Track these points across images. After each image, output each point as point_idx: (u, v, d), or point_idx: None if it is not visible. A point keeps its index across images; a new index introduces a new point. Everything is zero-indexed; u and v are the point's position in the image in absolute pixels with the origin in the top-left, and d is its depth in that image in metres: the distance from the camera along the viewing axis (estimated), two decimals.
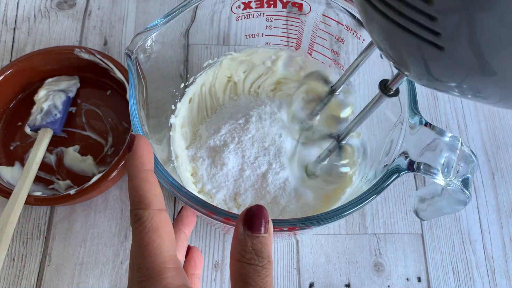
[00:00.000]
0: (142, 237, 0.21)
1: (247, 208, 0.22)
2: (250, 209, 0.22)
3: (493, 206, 0.44)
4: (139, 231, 0.21)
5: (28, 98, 0.45)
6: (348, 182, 0.37)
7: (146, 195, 0.22)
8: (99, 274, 0.39)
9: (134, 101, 0.29)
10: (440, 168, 0.27)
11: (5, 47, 0.49)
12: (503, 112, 0.48)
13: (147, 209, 0.21)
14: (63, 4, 0.51)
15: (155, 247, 0.21)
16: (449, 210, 0.31)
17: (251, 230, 0.21)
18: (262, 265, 0.21)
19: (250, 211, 0.22)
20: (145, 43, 0.30)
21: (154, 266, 0.20)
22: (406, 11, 0.16)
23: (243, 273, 0.21)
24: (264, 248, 0.21)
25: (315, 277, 0.40)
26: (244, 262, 0.21)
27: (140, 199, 0.22)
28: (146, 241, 0.21)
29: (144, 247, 0.21)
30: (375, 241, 0.42)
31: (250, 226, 0.21)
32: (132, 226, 0.21)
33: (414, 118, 0.29)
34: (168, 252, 0.21)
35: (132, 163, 0.23)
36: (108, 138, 0.44)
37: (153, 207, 0.22)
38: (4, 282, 0.39)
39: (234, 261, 0.21)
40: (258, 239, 0.21)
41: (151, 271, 0.20)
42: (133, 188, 0.22)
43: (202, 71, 0.41)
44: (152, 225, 0.21)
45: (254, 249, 0.21)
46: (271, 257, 0.21)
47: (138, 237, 0.21)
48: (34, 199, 0.38)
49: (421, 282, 0.40)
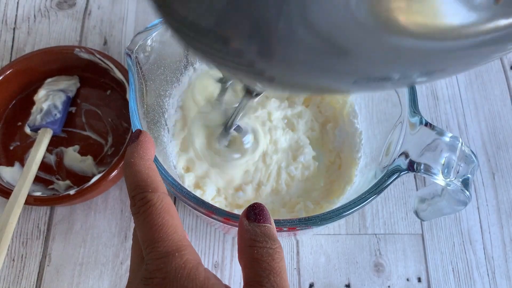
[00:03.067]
0: (154, 218, 0.21)
1: (248, 206, 0.22)
2: (251, 205, 0.22)
3: (494, 206, 0.44)
4: (149, 213, 0.21)
5: (28, 98, 0.45)
6: (348, 181, 0.37)
7: (153, 179, 0.22)
8: (99, 274, 0.39)
9: (134, 101, 0.29)
10: (440, 168, 0.27)
11: (5, 47, 0.49)
12: (503, 112, 0.48)
13: (155, 192, 0.21)
14: (63, 4, 0.51)
15: (170, 226, 0.21)
16: (449, 211, 0.31)
17: (256, 220, 0.21)
18: (274, 248, 0.21)
19: (252, 206, 0.22)
20: (145, 42, 0.30)
21: (172, 244, 0.20)
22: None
23: (256, 258, 0.20)
24: (273, 233, 0.21)
25: (315, 277, 0.40)
26: (256, 246, 0.21)
27: (146, 182, 0.22)
28: (160, 222, 0.21)
29: (159, 226, 0.20)
30: (375, 241, 0.42)
31: (256, 218, 0.22)
32: (139, 210, 0.21)
33: (414, 118, 0.29)
34: (182, 233, 0.21)
35: (135, 150, 0.23)
36: (108, 138, 0.44)
37: (160, 190, 0.22)
38: (3, 282, 0.39)
39: (245, 248, 0.21)
40: (266, 227, 0.21)
41: (170, 248, 0.20)
42: (137, 173, 0.22)
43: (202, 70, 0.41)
44: (163, 206, 0.21)
45: (265, 234, 0.21)
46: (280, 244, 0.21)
47: (150, 218, 0.21)
48: (34, 199, 0.38)
49: (421, 282, 0.40)
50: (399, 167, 0.28)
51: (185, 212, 0.42)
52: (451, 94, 0.49)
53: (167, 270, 0.19)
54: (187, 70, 0.39)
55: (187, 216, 0.42)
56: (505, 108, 0.48)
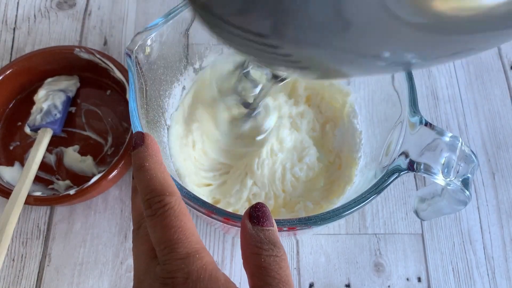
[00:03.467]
0: (173, 220, 0.21)
1: (250, 206, 0.22)
2: (253, 206, 0.22)
3: (494, 206, 0.44)
4: (168, 215, 0.21)
5: (28, 98, 0.45)
6: (348, 181, 0.37)
7: (169, 183, 0.22)
8: (99, 274, 0.39)
9: (134, 101, 0.29)
10: (440, 168, 0.27)
11: (5, 47, 0.49)
12: (504, 112, 0.48)
13: (173, 195, 0.22)
14: (63, 4, 0.51)
15: (188, 229, 0.21)
16: (449, 210, 0.31)
17: (259, 223, 0.21)
18: (280, 255, 0.21)
19: (254, 208, 0.22)
20: (145, 42, 0.30)
21: (192, 246, 0.21)
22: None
23: (263, 265, 0.20)
24: (277, 238, 0.21)
25: (315, 277, 0.40)
26: (262, 254, 0.21)
27: (164, 186, 0.22)
28: (179, 224, 0.21)
29: (178, 228, 0.21)
30: (375, 241, 0.42)
31: (259, 221, 0.22)
32: (155, 213, 0.21)
33: (414, 117, 0.29)
34: (198, 235, 0.22)
35: (146, 154, 0.23)
36: (108, 138, 0.44)
37: (177, 194, 0.22)
38: (3, 282, 0.39)
39: (250, 255, 0.21)
40: (269, 231, 0.21)
41: (190, 250, 0.20)
42: (152, 177, 0.22)
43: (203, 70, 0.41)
44: (180, 209, 0.21)
45: (269, 240, 0.21)
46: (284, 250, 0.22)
47: (169, 220, 0.21)
48: (33, 199, 0.38)
49: (421, 282, 0.40)
50: (399, 167, 0.28)
51: None
52: (451, 94, 0.49)
53: (189, 271, 0.20)
54: (187, 70, 0.39)
55: None
56: (505, 108, 0.48)
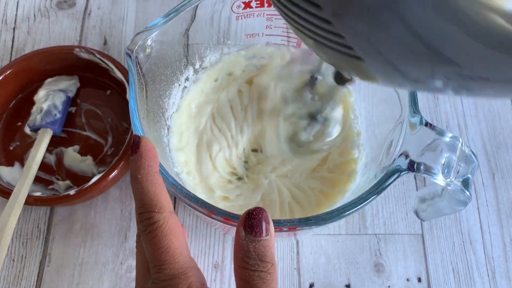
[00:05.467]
0: (160, 240, 0.21)
1: (247, 211, 0.22)
2: (250, 212, 0.22)
3: (494, 206, 0.44)
4: (155, 234, 0.21)
5: (28, 98, 0.45)
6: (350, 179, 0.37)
7: (159, 198, 0.22)
8: (99, 274, 0.39)
9: (134, 101, 0.29)
10: (440, 169, 0.27)
11: (5, 47, 0.49)
12: (504, 112, 0.48)
13: (162, 212, 0.22)
14: (63, 4, 0.51)
15: (176, 249, 0.21)
16: (450, 211, 0.31)
17: (252, 233, 0.21)
18: (266, 270, 0.21)
19: (250, 214, 0.22)
20: (145, 42, 0.30)
21: (178, 267, 0.21)
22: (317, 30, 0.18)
23: (248, 280, 0.21)
24: (266, 251, 0.21)
25: (315, 277, 0.40)
26: (248, 269, 0.21)
27: (153, 202, 0.22)
28: (166, 244, 0.21)
29: (165, 249, 0.21)
30: (375, 241, 0.42)
31: (252, 230, 0.21)
32: (146, 229, 0.22)
33: (414, 118, 0.29)
34: (186, 253, 0.22)
35: (139, 164, 0.23)
36: (108, 138, 0.44)
37: (167, 210, 0.22)
38: (3, 283, 0.39)
39: (237, 267, 0.21)
40: (260, 242, 0.21)
41: (176, 271, 0.21)
42: (143, 191, 0.22)
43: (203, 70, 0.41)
44: (169, 227, 0.21)
45: (257, 254, 0.21)
46: (274, 260, 0.21)
47: (156, 240, 0.21)
48: (34, 199, 0.38)
49: (421, 282, 0.40)
50: (399, 167, 0.28)
51: (185, 212, 0.42)
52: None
53: None
54: (187, 70, 0.39)
55: (187, 216, 0.42)
56: (505, 108, 0.48)
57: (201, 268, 0.40)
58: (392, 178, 0.27)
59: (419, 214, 0.34)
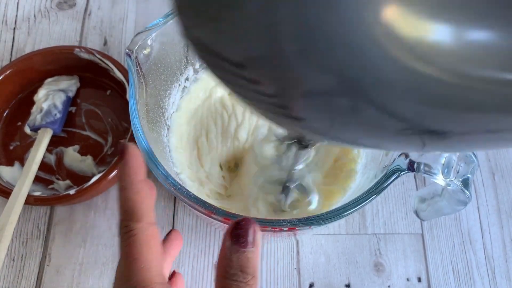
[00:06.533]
0: (132, 250, 0.21)
1: (235, 221, 0.22)
2: (237, 222, 0.21)
3: (494, 206, 0.44)
4: (129, 243, 0.21)
5: (28, 98, 0.45)
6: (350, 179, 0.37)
7: (139, 207, 0.22)
8: (99, 274, 0.39)
9: (134, 101, 0.29)
10: (440, 168, 0.27)
11: (5, 47, 0.49)
12: None
13: (139, 221, 0.21)
14: (63, 4, 0.51)
15: (145, 261, 0.21)
16: (449, 211, 0.31)
17: (237, 244, 0.21)
18: (246, 281, 0.20)
19: (237, 224, 0.21)
20: (145, 42, 0.30)
21: (144, 280, 0.20)
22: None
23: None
24: (249, 263, 0.21)
25: (315, 277, 0.40)
26: (228, 278, 0.20)
27: (133, 210, 0.21)
28: (136, 255, 0.21)
29: (134, 260, 0.20)
30: (375, 241, 0.42)
31: (237, 240, 0.21)
32: (122, 237, 0.21)
33: None
34: (156, 267, 0.21)
35: (124, 172, 0.22)
36: (108, 138, 0.44)
37: (145, 220, 0.21)
38: (3, 282, 0.39)
39: (219, 275, 0.21)
40: (244, 254, 0.21)
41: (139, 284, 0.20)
42: (125, 199, 0.22)
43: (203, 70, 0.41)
44: (143, 239, 0.21)
45: (239, 265, 0.21)
46: (256, 272, 0.21)
47: (128, 249, 0.21)
48: (34, 199, 0.38)
49: (421, 282, 0.40)
50: (399, 167, 0.28)
51: (185, 212, 0.42)
52: None
53: None
54: (187, 70, 0.39)
55: (187, 216, 0.42)
56: None
57: (201, 268, 0.40)
58: (392, 178, 0.27)
59: (419, 214, 0.34)
